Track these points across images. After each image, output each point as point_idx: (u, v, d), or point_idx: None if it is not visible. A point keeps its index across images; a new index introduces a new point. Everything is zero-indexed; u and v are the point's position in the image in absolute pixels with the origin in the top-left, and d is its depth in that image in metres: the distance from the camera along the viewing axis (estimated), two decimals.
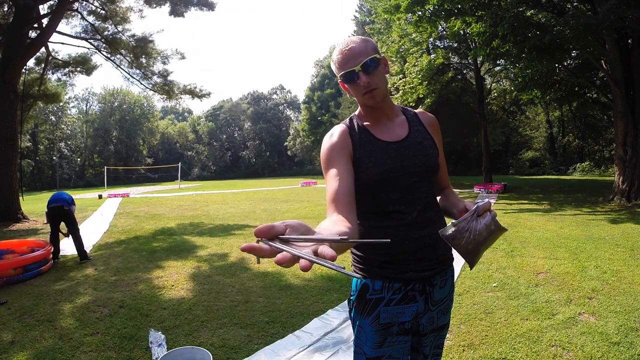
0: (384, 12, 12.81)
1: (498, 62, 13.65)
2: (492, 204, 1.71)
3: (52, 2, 10.44)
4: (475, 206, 1.04)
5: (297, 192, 16.73)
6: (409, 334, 1.13)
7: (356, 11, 33.17)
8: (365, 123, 1.16)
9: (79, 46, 21.99)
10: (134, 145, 42.02)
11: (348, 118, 1.20)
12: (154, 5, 12.22)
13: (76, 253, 5.18)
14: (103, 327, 2.97)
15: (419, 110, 1.26)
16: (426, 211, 1.12)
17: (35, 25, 9.87)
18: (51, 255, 4.90)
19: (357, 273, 1.16)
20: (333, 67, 1.12)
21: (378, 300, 1.10)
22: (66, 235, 5.24)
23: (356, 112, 1.20)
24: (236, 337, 2.74)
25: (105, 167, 27.84)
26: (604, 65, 10.31)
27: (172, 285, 4.00)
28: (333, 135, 1.13)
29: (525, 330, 2.70)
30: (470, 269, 1.11)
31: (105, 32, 11.97)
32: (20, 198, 9.42)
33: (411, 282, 1.10)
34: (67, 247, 5.52)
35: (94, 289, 3.94)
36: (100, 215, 9.99)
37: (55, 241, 5.12)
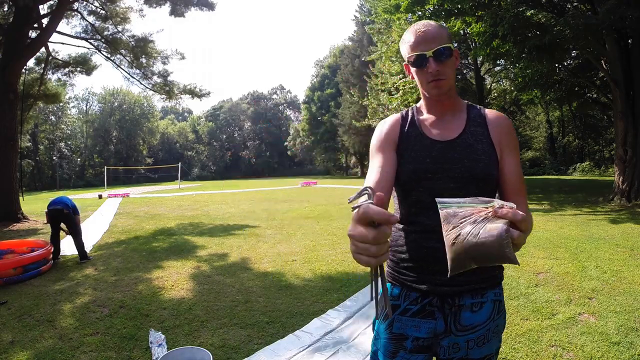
0: (384, 12, 12.80)
1: (498, 62, 13.65)
2: (519, 218, 0.70)
3: (52, 2, 10.44)
4: (497, 202, 0.72)
5: (298, 192, 16.73)
6: (424, 352, 1.04)
7: (356, 11, 33.24)
8: (420, 117, 1.09)
9: (79, 46, 21.90)
10: (134, 145, 41.98)
11: (409, 108, 1.13)
12: (154, 5, 12.22)
13: (76, 253, 5.18)
14: (103, 327, 2.97)
15: (490, 109, 1.10)
16: None
17: (35, 25, 9.86)
18: (51, 255, 4.90)
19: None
20: (402, 48, 1.05)
21: (394, 307, 1.06)
22: (67, 233, 5.24)
23: (418, 104, 1.13)
24: (236, 337, 2.74)
25: (105, 167, 27.81)
26: (604, 65, 10.30)
27: (172, 285, 4.00)
28: (385, 123, 1.10)
29: (525, 330, 2.70)
30: (448, 274, 0.78)
31: (105, 32, 11.97)
32: (20, 198, 9.43)
33: (429, 296, 1.02)
34: (67, 247, 5.52)
35: (94, 289, 3.94)
36: (100, 215, 10.00)
37: (55, 241, 5.11)
